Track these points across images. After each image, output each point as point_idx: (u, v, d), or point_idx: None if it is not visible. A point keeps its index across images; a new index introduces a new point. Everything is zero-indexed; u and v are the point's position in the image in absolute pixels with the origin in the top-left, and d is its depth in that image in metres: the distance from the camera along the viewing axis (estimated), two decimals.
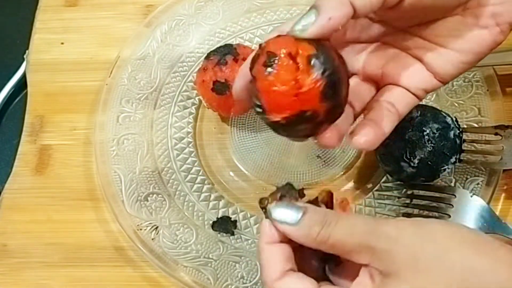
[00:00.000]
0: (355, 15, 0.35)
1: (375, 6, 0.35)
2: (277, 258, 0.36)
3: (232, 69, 0.53)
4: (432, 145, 0.48)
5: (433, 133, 0.49)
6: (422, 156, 0.48)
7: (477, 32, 0.39)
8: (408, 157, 0.49)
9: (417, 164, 0.49)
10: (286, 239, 0.36)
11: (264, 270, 0.36)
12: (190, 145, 0.57)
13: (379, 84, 0.41)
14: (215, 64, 0.54)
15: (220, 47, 0.56)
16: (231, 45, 0.55)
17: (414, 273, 0.33)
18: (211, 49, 0.56)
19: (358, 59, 0.41)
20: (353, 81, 0.40)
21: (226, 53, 0.54)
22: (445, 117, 0.50)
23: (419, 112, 0.50)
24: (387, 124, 0.39)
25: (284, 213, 0.36)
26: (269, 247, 0.36)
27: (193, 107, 0.59)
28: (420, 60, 0.40)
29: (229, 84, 0.53)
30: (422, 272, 0.32)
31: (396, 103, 0.40)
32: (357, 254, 0.34)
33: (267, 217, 0.37)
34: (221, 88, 0.53)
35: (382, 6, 0.35)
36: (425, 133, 0.48)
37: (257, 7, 0.63)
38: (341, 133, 0.38)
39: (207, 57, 0.55)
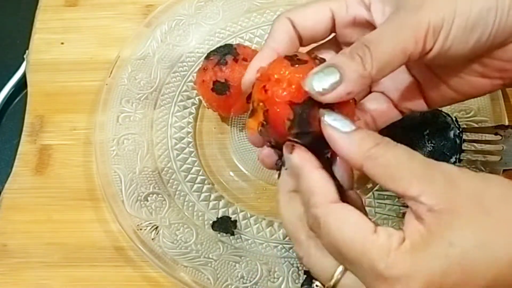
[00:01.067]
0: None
1: (395, 69, 0.35)
2: (331, 182, 0.33)
3: (232, 69, 0.53)
4: (432, 145, 0.48)
5: (433, 133, 0.49)
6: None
7: (478, 79, 0.38)
8: None
9: None
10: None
11: (318, 193, 0.33)
12: (190, 145, 0.57)
13: (370, 86, 0.41)
14: (215, 64, 0.54)
15: (220, 47, 0.56)
16: (231, 45, 0.55)
17: (477, 213, 0.30)
18: (211, 49, 0.56)
19: None
20: None
21: (226, 53, 0.54)
22: (445, 117, 0.50)
23: (419, 112, 0.50)
24: None
25: (337, 119, 0.33)
26: (320, 171, 0.34)
27: (193, 107, 0.59)
28: (417, 81, 0.40)
29: (229, 84, 0.53)
30: (487, 213, 0.30)
31: (378, 117, 0.40)
32: (407, 183, 0.30)
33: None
34: (221, 88, 0.53)
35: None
36: (425, 133, 0.48)
37: (257, 7, 0.63)
38: None
39: (207, 57, 0.55)
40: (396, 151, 0.32)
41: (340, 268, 0.33)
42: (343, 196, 0.34)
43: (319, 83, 0.33)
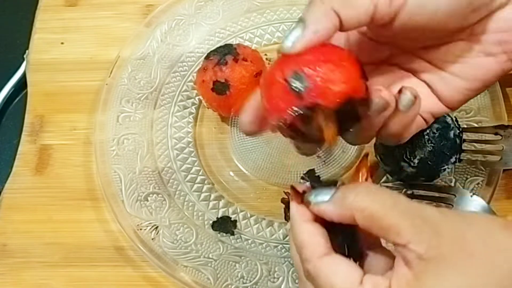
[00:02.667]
0: (342, 28, 0.34)
1: (363, 20, 0.35)
2: (320, 234, 0.34)
3: (232, 69, 0.53)
4: (432, 145, 0.48)
5: (433, 133, 0.49)
6: (422, 156, 0.48)
7: (482, 59, 0.38)
8: (408, 157, 0.49)
9: (417, 164, 0.49)
10: (319, 220, 0.35)
11: (308, 247, 0.34)
12: (190, 145, 0.57)
13: None
14: (215, 64, 0.54)
15: (220, 47, 0.56)
16: (231, 45, 0.55)
17: (461, 257, 0.30)
18: (211, 49, 0.56)
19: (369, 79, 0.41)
20: None
21: (226, 53, 0.54)
22: (445, 117, 0.50)
23: None
24: None
25: (318, 194, 0.35)
26: (309, 224, 0.35)
27: (193, 107, 0.59)
28: (426, 83, 0.40)
29: (229, 84, 0.53)
30: (470, 255, 0.31)
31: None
32: (396, 231, 0.31)
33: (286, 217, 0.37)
34: (221, 88, 0.53)
35: (371, 22, 0.35)
36: (425, 133, 0.48)
37: (257, 7, 0.63)
38: None
39: (207, 57, 0.55)
40: (380, 199, 0.32)
41: None
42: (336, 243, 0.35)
43: (288, 40, 0.34)
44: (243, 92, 0.53)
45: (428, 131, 0.48)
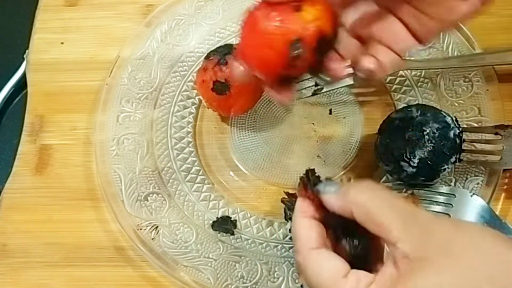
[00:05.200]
0: None
1: None
2: (314, 230, 0.38)
3: (232, 69, 0.53)
4: (432, 144, 0.48)
5: (433, 132, 0.49)
6: (422, 155, 0.48)
7: (457, 2, 0.39)
8: (408, 156, 0.49)
9: (417, 163, 0.49)
10: (319, 218, 0.39)
11: (301, 239, 0.37)
12: (190, 145, 0.57)
13: (364, 40, 0.43)
14: (215, 64, 0.54)
15: (220, 47, 0.56)
16: (231, 45, 0.55)
17: (446, 260, 0.32)
18: (211, 49, 0.56)
19: (346, 15, 0.43)
20: (341, 35, 0.42)
21: (226, 53, 0.54)
22: (445, 116, 0.50)
23: (419, 112, 0.50)
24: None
25: (327, 185, 0.39)
26: (307, 220, 0.38)
27: (193, 107, 0.59)
28: (402, 21, 0.41)
29: (229, 84, 0.53)
30: (454, 260, 0.32)
31: (383, 61, 0.42)
32: (388, 228, 0.34)
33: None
34: (221, 88, 0.53)
35: None
36: (425, 132, 0.48)
37: None
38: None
39: (207, 57, 0.55)
40: (378, 197, 0.36)
41: None
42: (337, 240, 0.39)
43: None
44: (243, 92, 0.53)
45: (428, 130, 0.49)
